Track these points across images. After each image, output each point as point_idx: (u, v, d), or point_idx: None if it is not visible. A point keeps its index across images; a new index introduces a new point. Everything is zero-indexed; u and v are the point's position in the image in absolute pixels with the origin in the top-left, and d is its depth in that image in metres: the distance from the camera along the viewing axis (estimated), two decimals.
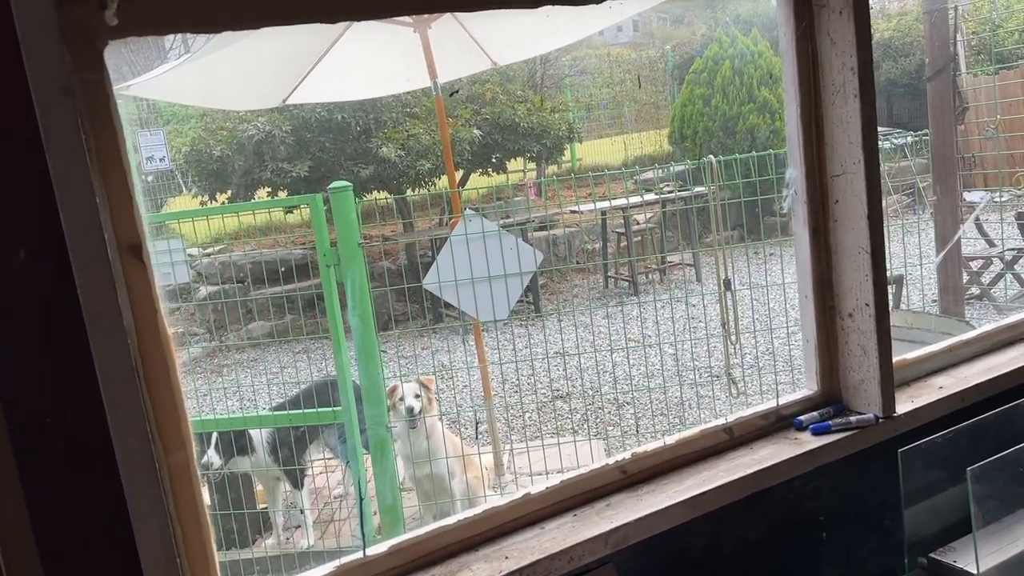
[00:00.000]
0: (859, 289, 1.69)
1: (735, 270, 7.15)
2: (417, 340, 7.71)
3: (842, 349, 1.77)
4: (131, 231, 1.11)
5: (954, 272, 5.30)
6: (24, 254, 1.02)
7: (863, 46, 1.60)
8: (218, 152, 8.50)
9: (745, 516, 1.59)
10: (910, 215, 8.89)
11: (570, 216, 9.32)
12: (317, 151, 8.70)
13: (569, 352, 6.34)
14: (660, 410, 5.58)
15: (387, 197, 9.04)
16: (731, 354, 4.28)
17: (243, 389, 5.70)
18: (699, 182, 7.38)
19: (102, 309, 1.03)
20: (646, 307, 7.34)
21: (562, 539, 1.41)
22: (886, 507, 1.77)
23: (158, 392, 1.14)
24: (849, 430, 1.69)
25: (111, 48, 1.12)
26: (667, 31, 19.71)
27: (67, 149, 1.00)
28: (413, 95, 8.91)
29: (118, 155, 1.10)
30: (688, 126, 11.10)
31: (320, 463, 4.79)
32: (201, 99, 5.61)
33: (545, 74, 14.09)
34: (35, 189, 1.00)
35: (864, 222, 1.65)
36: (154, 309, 1.13)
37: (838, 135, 1.67)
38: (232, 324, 7.42)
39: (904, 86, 12.61)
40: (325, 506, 4.70)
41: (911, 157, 7.62)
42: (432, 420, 3.99)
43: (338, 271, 3.31)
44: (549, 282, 9.51)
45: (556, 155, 10.96)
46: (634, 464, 1.58)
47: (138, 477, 1.06)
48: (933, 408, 1.80)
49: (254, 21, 1.16)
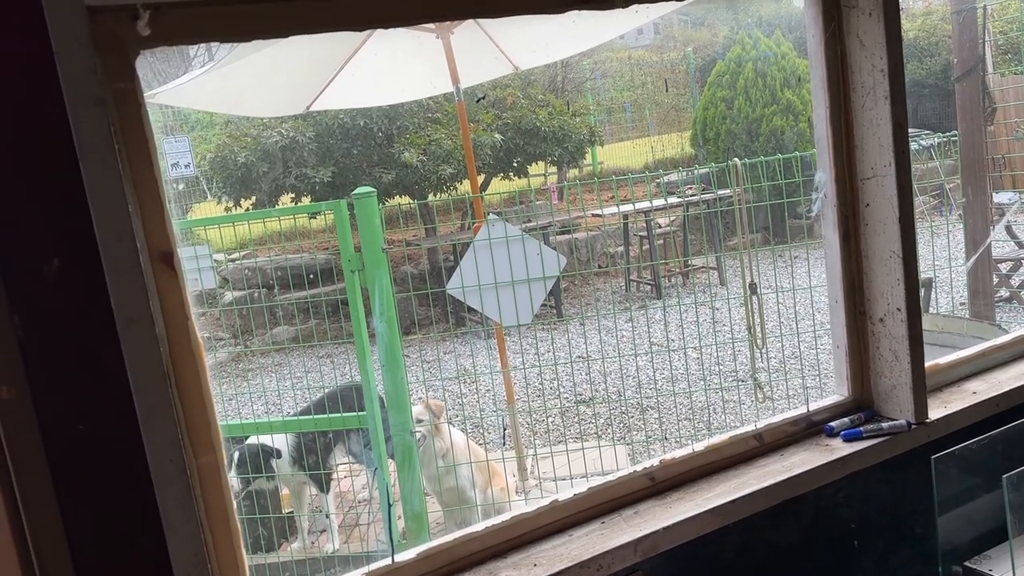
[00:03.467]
0: (890, 294, 1.67)
1: (760, 273, 7.10)
2: (439, 344, 7.72)
3: (873, 354, 1.74)
4: (163, 239, 1.12)
5: (984, 275, 5.22)
6: (58, 262, 1.03)
7: (893, 47, 1.58)
8: (243, 158, 8.57)
9: (776, 524, 1.57)
10: (937, 217, 8.79)
11: (592, 220, 9.30)
12: (340, 157, 8.75)
13: (592, 356, 6.31)
14: (685, 415, 5.54)
15: (410, 203, 9.07)
16: (756, 358, 4.24)
17: (268, 393, 5.74)
18: (723, 185, 7.34)
19: (135, 316, 1.04)
20: (669, 311, 7.30)
21: (591, 546, 1.40)
22: (919, 514, 1.75)
23: (189, 397, 1.15)
24: (881, 436, 1.67)
25: (142, 57, 1.14)
26: (688, 33, 19.63)
27: (100, 158, 1.00)
28: (435, 100, 8.93)
29: (149, 163, 1.11)
30: (710, 128, 11.04)
31: (344, 467, 4.80)
32: (226, 107, 5.66)
33: (566, 78, 14.08)
34: (68, 198, 1.01)
35: (895, 226, 1.63)
36: (185, 316, 1.14)
37: (868, 138, 1.65)
38: (257, 329, 7.48)
39: (930, 86, 12.46)
40: (350, 510, 4.71)
41: (938, 158, 7.52)
42: (449, 435, 3.94)
43: (363, 276, 3.32)
44: (571, 286, 9.50)
45: (577, 159, 10.94)
46: (662, 471, 1.57)
47: (170, 484, 1.06)
48: (967, 414, 1.77)
49: (283, 30, 1.17)
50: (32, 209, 1.00)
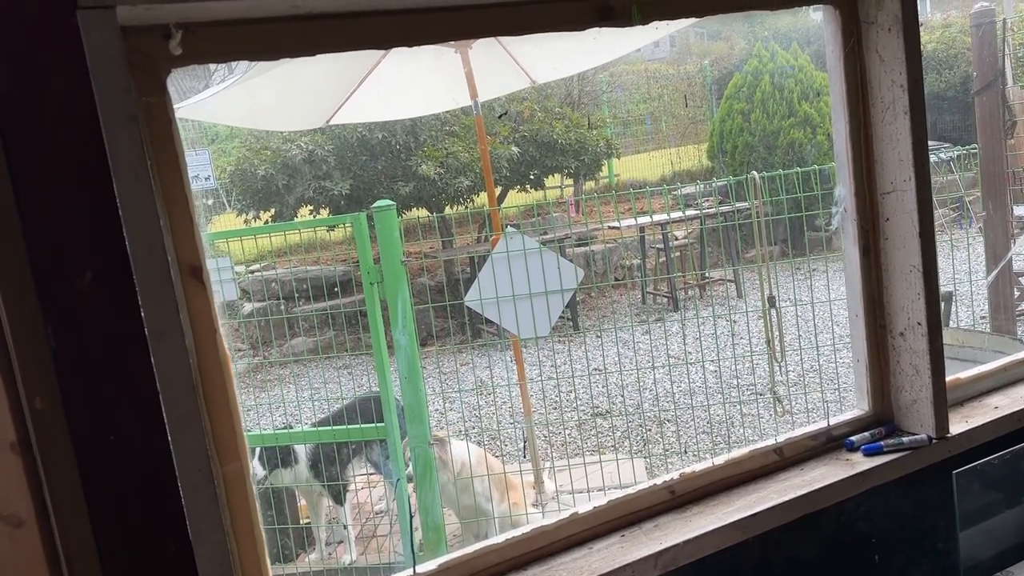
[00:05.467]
0: (911, 308, 1.67)
1: (778, 286, 7.07)
2: (457, 356, 7.74)
3: (893, 368, 1.74)
4: (192, 253, 1.14)
5: (1005, 289, 5.17)
6: (90, 275, 1.05)
7: (913, 62, 1.59)
8: (262, 171, 8.66)
9: (796, 538, 1.57)
10: (957, 230, 8.72)
11: (609, 232, 9.30)
12: (358, 169, 8.82)
13: (609, 369, 6.31)
14: (703, 428, 5.52)
15: (428, 215, 9.12)
16: (775, 372, 4.22)
17: (286, 404, 5.77)
18: (741, 197, 7.32)
19: (165, 328, 1.06)
20: (687, 323, 7.29)
21: (611, 560, 1.40)
22: (940, 530, 1.74)
23: (216, 407, 1.17)
24: (902, 451, 1.66)
25: (172, 75, 1.16)
26: (705, 46, 19.65)
27: (133, 174, 1.03)
28: (452, 113, 8.99)
29: (180, 179, 1.14)
30: (727, 141, 11.03)
31: (361, 478, 4.82)
32: (247, 121, 5.73)
33: (583, 91, 14.12)
34: (102, 212, 1.04)
35: (916, 240, 1.63)
36: (213, 328, 1.16)
37: (888, 152, 1.65)
38: (276, 340, 7.52)
39: (948, 99, 12.40)
40: (367, 522, 4.72)
41: (957, 171, 7.47)
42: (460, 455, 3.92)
43: (382, 289, 3.34)
44: (588, 298, 9.49)
45: (594, 171, 10.96)
46: (683, 484, 1.57)
47: (198, 494, 1.08)
48: (988, 429, 1.76)
49: (310, 48, 1.19)
50: (66, 223, 1.03)
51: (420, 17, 1.25)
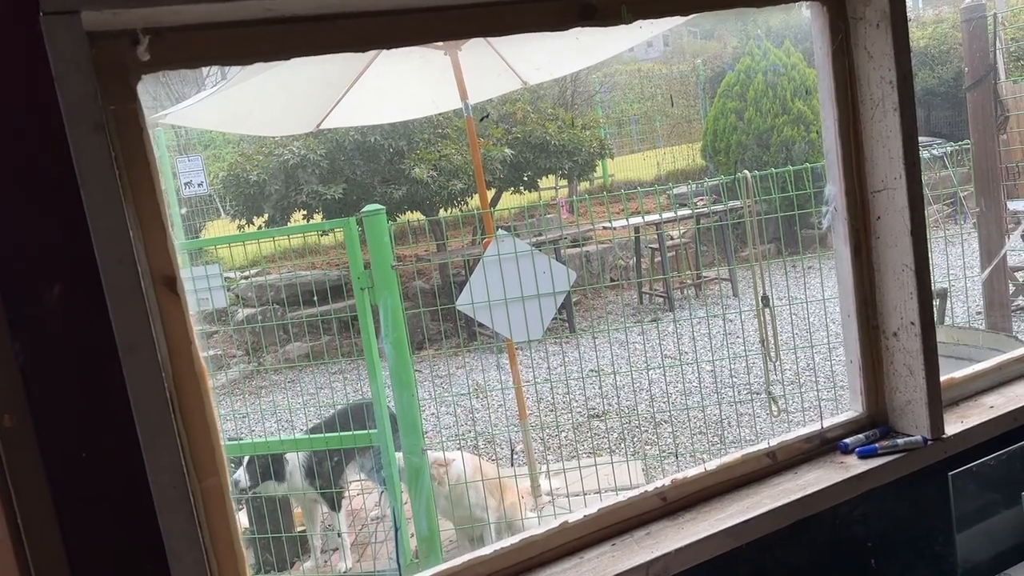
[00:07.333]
0: (904, 307, 1.64)
1: (772, 284, 7.05)
2: (451, 359, 7.71)
3: (887, 369, 1.71)
4: (165, 263, 1.11)
5: (1000, 285, 5.16)
6: (59, 288, 1.03)
7: (902, 59, 1.56)
8: (255, 176, 8.62)
9: (790, 544, 1.54)
10: (951, 225, 8.72)
11: (603, 232, 9.29)
12: (351, 173, 8.78)
13: (604, 370, 6.28)
14: (699, 428, 5.50)
15: (420, 219, 9.09)
16: (770, 371, 4.20)
17: (280, 410, 5.74)
18: (734, 196, 7.31)
19: (136, 342, 1.03)
20: (682, 323, 7.26)
21: (602, 569, 1.38)
22: (937, 532, 1.71)
23: (192, 422, 1.14)
24: (896, 453, 1.63)
25: (150, 79, 1.13)
26: (697, 45, 19.65)
27: (101, 184, 1.00)
28: (444, 116, 8.96)
29: (152, 187, 1.11)
30: (721, 140, 11.02)
31: (356, 485, 4.79)
32: (236, 126, 5.70)
33: (575, 91, 14.10)
34: (70, 223, 1.01)
35: (907, 238, 1.60)
36: (188, 340, 1.13)
37: (878, 150, 1.63)
38: (269, 346, 7.49)
39: (941, 95, 12.40)
40: (362, 529, 4.69)
41: (950, 167, 7.47)
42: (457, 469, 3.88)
43: (372, 294, 3.31)
44: (583, 299, 9.47)
45: (588, 172, 10.93)
46: (674, 491, 1.54)
47: (173, 512, 1.05)
48: (984, 429, 1.73)
49: (284, 52, 1.16)
50: (33, 235, 1.00)
51: (396, 19, 1.22)
